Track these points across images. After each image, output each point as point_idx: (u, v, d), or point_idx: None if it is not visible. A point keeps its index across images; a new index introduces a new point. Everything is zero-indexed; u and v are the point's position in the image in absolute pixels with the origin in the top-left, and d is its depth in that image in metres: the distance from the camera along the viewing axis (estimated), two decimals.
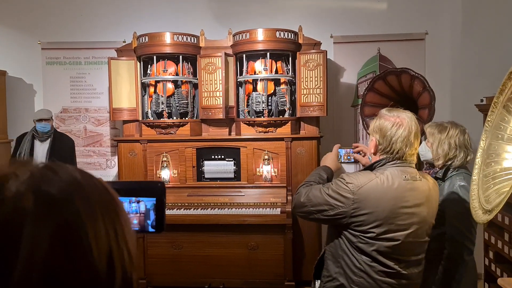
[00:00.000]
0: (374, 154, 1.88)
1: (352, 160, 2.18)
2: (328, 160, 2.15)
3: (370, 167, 1.87)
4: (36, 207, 0.48)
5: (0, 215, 0.48)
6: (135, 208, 0.80)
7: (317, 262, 2.06)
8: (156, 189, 0.82)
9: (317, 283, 2.02)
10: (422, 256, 1.87)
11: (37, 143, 4.23)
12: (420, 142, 2.11)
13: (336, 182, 1.83)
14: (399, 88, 3.78)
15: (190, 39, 4.20)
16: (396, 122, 1.79)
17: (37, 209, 0.48)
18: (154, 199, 0.81)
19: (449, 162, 2.33)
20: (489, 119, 1.72)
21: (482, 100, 3.51)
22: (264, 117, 4.11)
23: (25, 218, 0.47)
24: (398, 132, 1.78)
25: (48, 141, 4.23)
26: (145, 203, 0.80)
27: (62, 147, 4.24)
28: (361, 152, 2.16)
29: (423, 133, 2.50)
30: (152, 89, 4.30)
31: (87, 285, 0.49)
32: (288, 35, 4.07)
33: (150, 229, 0.81)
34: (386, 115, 1.84)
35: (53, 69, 4.90)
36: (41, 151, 4.20)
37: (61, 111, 4.91)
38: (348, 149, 2.18)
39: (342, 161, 2.18)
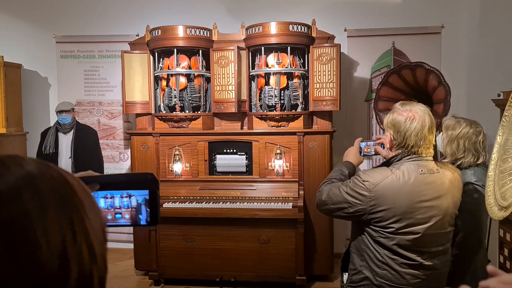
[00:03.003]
0: (390, 149, 1.89)
1: (373, 152, 2.14)
2: (350, 155, 2.15)
3: (387, 162, 1.88)
4: None
5: None
6: (127, 203, 0.78)
7: (343, 255, 2.10)
8: (147, 181, 0.79)
9: (345, 275, 2.05)
10: (447, 246, 1.88)
11: (60, 135, 4.28)
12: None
13: (353, 180, 1.85)
14: (413, 83, 3.73)
15: (203, 33, 4.19)
16: (409, 116, 1.79)
17: None
18: (147, 191, 0.79)
19: (457, 162, 2.25)
20: (506, 113, 1.68)
21: (499, 95, 3.44)
22: (276, 111, 4.09)
23: None
24: (412, 126, 1.78)
25: (71, 132, 4.27)
26: (136, 198, 0.79)
27: (86, 138, 4.29)
28: (383, 144, 2.14)
29: (439, 126, 2.46)
30: (164, 83, 4.31)
31: (34, 284, 0.46)
32: (301, 29, 4.04)
33: (143, 222, 0.80)
34: (399, 110, 1.84)
35: (67, 63, 4.94)
36: (65, 142, 4.25)
37: (75, 104, 4.95)
38: (370, 142, 2.15)
39: (363, 154, 2.16)
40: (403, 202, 1.75)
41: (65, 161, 4.18)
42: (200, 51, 4.26)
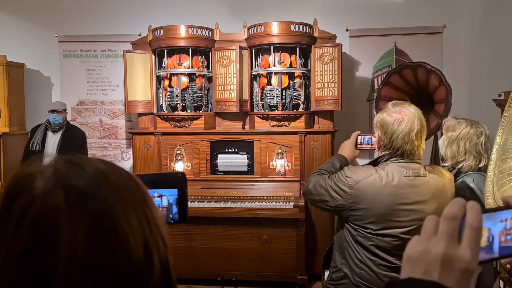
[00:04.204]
0: (378, 149, 1.88)
1: (368, 146, 2.09)
2: (345, 148, 2.13)
3: (375, 162, 1.88)
4: (67, 202, 0.48)
5: (34, 214, 0.47)
6: (158, 203, 0.81)
7: (326, 252, 2.08)
8: (177, 180, 0.83)
9: (326, 273, 2.04)
10: None
11: (49, 134, 4.31)
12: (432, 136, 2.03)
13: (338, 174, 1.84)
14: (415, 83, 3.73)
15: (205, 32, 4.20)
16: (398, 118, 1.76)
17: (69, 205, 0.48)
18: (176, 190, 0.81)
19: (458, 165, 2.16)
20: (505, 114, 1.68)
21: (500, 95, 3.44)
22: (278, 110, 4.10)
23: (59, 215, 0.47)
24: (399, 129, 1.75)
25: (60, 132, 4.30)
26: (168, 198, 0.81)
27: (72, 139, 4.31)
28: None
29: (440, 127, 2.43)
30: (166, 82, 4.32)
31: (127, 275, 0.49)
32: (303, 28, 4.04)
33: (172, 221, 0.82)
34: (389, 110, 1.81)
35: (70, 62, 4.96)
36: (52, 142, 4.28)
37: (77, 103, 4.97)
38: (367, 136, 2.11)
39: (358, 148, 2.12)
40: (383, 203, 1.73)
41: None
42: (202, 50, 4.27)
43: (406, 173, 1.76)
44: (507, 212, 0.60)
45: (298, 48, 4.15)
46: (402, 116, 1.76)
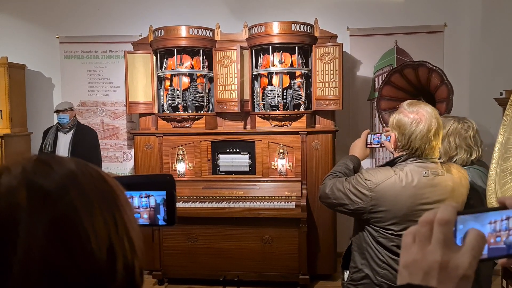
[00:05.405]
0: (395, 149, 1.87)
1: (379, 145, 2.10)
2: (356, 148, 2.13)
3: (392, 163, 1.87)
4: (29, 201, 0.48)
5: None
6: (145, 203, 0.80)
7: (344, 253, 2.09)
8: (165, 182, 0.81)
9: (346, 273, 2.04)
10: None
11: (60, 134, 4.33)
12: None
13: (356, 177, 1.84)
14: (416, 82, 3.73)
15: (206, 33, 4.20)
16: (415, 119, 1.76)
17: (30, 204, 0.48)
18: (164, 192, 0.81)
19: (452, 160, 2.22)
20: (507, 113, 1.68)
21: (501, 94, 3.44)
22: (279, 110, 4.10)
23: (20, 214, 0.47)
24: (417, 129, 1.75)
25: (71, 132, 4.31)
26: (155, 198, 0.80)
27: (84, 138, 4.33)
28: (390, 136, 2.11)
29: None
30: (167, 83, 4.33)
31: (87, 277, 0.48)
32: (303, 28, 4.04)
33: (161, 222, 0.82)
34: (406, 111, 1.80)
35: (71, 63, 4.97)
36: (63, 142, 4.30)
37: (78, 104, 4.97)
38: (377, 134, 2.11)
39: (369, 146, 2.12)
40: (404, 204, 1.74)
41: None
42: (203, 51, 4.27)
43: (425, 173, 1.76)
44: (496, 213, 0.60)
45: (299, 48, 4.15)
46: (420, 117, 1.76)
